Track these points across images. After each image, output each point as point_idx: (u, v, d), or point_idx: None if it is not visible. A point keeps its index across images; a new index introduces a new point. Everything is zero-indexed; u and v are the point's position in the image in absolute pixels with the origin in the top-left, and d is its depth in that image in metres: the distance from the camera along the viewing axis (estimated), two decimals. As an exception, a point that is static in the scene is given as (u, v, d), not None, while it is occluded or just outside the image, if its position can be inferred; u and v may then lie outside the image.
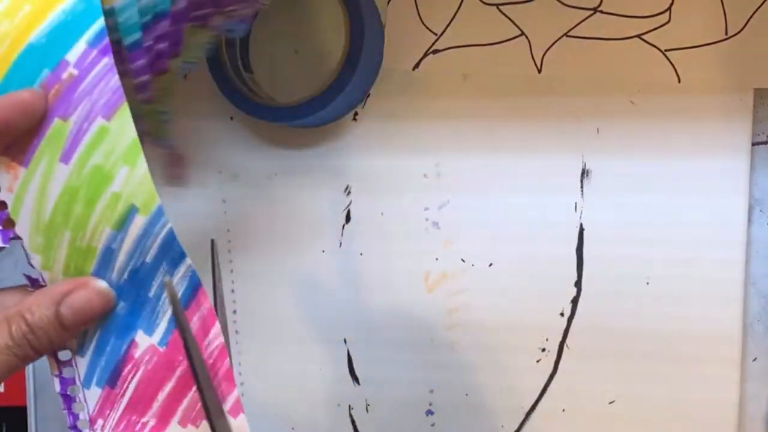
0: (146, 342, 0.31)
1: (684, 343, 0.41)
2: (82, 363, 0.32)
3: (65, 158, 0.30)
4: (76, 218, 0.30)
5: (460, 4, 0.44)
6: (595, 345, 0.42)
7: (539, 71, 0.43)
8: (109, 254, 0.31)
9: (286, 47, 0.47)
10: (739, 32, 0.40)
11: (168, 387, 0.32)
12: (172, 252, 0.31)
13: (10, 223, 0.31)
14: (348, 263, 0.46)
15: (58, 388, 0.32)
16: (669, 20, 0.41)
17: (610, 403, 0.42)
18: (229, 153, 0.48)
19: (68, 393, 0.32)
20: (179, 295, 0.31)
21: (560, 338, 0.43)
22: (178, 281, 0.31)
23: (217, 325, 0.31)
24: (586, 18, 0.42)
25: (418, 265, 0.45)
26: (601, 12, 0.42)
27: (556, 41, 0.43)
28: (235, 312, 0.47)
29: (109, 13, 0.30)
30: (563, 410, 0.43)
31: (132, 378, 0.32)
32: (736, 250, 0.40)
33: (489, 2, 0.44)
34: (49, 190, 0.30)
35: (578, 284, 0.42)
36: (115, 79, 0.29)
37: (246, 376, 0.47)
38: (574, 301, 0.42)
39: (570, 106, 0.42)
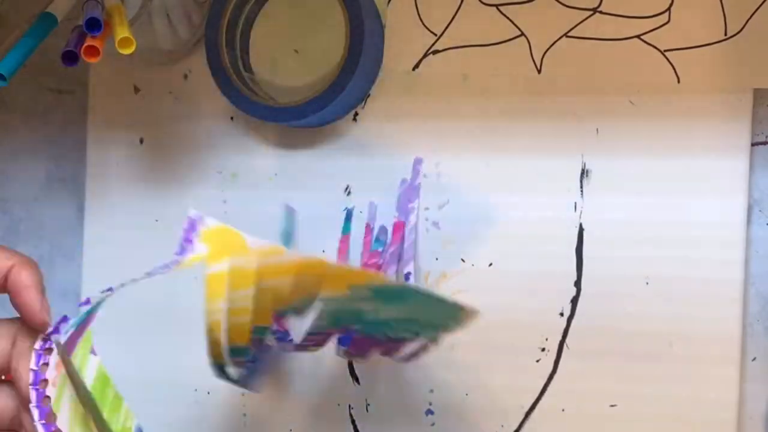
0: None
1: (683, 343, 0.41)
2: None
3: (93, 350, 0.32)
4: (111, 401, 0.32)
5: (460, 5, 0.44)
6: (595, 345, 0.42)
7: (539, 71, 0.43)
8: None
9: (286, 47, 0.47)
10: (738, 33, 0.40)
11: None
12: None
13: (52, 417, 0.31)
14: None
15: None
16: (668, 20, 0.41)
17: (611, 404, 0.42)
18: (229, 153, 0.48)
19: None
20: None
21: (560, 338, 0.43)
22: None
23: None
24: (586, 18, 0.42)
25: (418, 265, 0.45)
26: (601, 12, 0.42)
27: (556, 41, 0.43)
28: (235, 312, 0.47)
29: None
30: (563, 410, 0.43)
31: None
32: (735, 250, 0.40)
33: (489, 2, 0.44)
34: (85, 378, 0.32)
35: (578, 284, 0.42)
36: None
37: (246, 376, 0.47)
38: (574, 301, 0.42)
39: (570, 106, 0.42)
